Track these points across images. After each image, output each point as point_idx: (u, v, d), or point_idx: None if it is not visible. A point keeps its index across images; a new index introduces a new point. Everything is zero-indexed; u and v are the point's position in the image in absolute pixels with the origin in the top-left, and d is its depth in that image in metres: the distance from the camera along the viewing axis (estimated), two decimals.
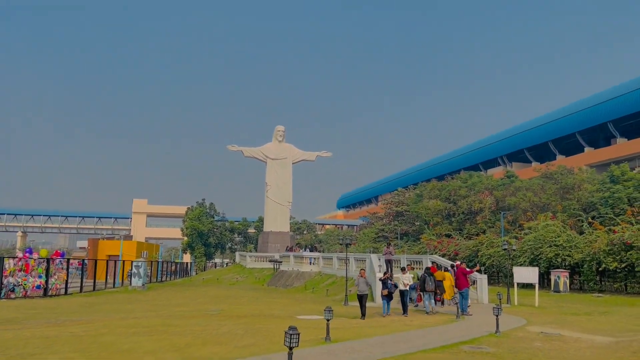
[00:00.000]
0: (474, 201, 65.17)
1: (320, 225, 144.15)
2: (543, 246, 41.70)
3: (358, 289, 20.51)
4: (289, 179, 64.03)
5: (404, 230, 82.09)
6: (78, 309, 22.47)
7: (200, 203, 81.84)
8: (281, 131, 64.82)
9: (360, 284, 20.49)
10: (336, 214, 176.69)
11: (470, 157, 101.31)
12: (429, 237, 65.31)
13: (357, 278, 20.87)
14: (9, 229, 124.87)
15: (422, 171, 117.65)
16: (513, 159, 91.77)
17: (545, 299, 33.51)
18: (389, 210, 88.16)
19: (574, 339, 15.56)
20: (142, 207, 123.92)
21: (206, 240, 78.21)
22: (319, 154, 66.24)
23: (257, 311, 23.09)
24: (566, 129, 78.81)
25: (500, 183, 65.88)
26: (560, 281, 38.81)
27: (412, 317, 20.95)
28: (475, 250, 51.58)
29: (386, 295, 20.70)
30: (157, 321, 17.67)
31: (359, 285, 20.50)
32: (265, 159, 63.71)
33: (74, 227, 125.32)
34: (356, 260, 33.88)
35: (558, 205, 50.80)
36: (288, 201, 63.88)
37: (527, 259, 42.68)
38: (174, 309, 23.13)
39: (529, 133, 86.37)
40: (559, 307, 28.25)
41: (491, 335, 15.78)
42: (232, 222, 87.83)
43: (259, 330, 15.68)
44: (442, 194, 72.24)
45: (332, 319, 13.85)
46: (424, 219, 72.77)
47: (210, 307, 24.31)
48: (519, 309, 25.87)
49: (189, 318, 19.01)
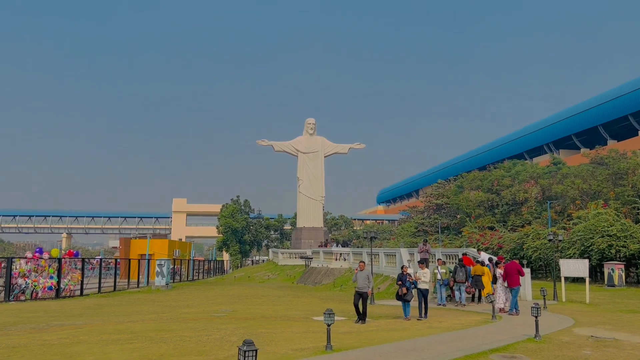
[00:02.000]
0: (518, 191, 61.56)
1: (360, 220, 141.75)
2: (594, 237, 38.37)
3: (357, 285, 17.14)
4: (321, 172, 62.06)
5: (445, 224, 78.86)
6: (82, 312, 21.09)
7: (234, 200, 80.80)
8: (312, 124, 62.87)
9: (359, 279, 17.09)
10: (376, 209, 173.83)
11: (515, 145, 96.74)
12: (470, 230, 62.20)
13: (355, 272, 17.56)
14: (54, 230, 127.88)
15: (464, 162, 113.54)
16: (560, 146, 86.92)
17: (597, 294, 30.39)
18: (428, 203, 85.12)
19: (632, 345, 12.88)
20: (182, 206, 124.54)
21: (241, 238, 77.10)
22: (351, 146, 63.98)
23: (272, 312, 21.16)
24: (617, 111, 73.66)
25: (546, 171, 61.92)
26: (614, 274, 35.54)
27: (441, 318, 18.54)
28: (520, 242, 48.50)
29: (403, 295, 17.64)
30: (151, 326, 15.95)
31: (357, 281, 17.14)
32: (297, 153, 61.95)
33: (117, 227, 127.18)
34: (386, 255, 31.54)
35: (610, 192, 46.85)
36: (321, 196, 61.96)
37: (577, 251, 39.46)
38: (182, 310, 21.47)
39: (577, 117, 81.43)
40: (614, 303, 25.18)
41: (529, 341, 13.28)
42: (267, 218, 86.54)
43: (258, 337, 13.70)
44: (484, 184, 68.78)
45: (333, 323, 11.73)
46: (465, 211, 69.47)
47: (223, 307, 22.54)
48: (566, 307, 23.02)
49: (190, 321, 17.23)
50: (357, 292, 17.08)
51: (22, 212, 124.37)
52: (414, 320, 17.45)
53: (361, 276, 17.12)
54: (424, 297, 17.70)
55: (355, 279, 17.43)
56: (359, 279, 17.10)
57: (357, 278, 17.24)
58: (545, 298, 21.59)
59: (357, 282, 17.19)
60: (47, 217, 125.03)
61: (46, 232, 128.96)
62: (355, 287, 17.26)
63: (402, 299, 17.57)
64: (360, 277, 17.12)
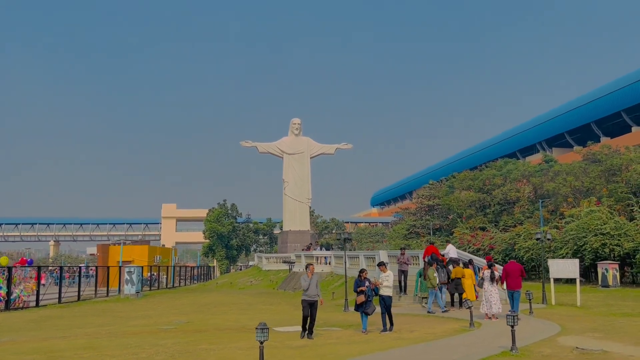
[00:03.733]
0: (509, 190, 59.82)
1: (354, 223, 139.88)
2: (587, 235, 36.66)
3: (306, 293, 14.55)
4: (307, 174, 60.19)
5: (437, 225, 77.09)
6: (22, 326, 19.18)
7: (221, 204, 78.83)
8: (297, 124, 61.04)
9: (311, 285, 14.61)
10: (370, 211, 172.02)
11: (507, 144, 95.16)
12: (462, 231, 60.48)
13: (309, 276, 14.82)
14: (41, 238, 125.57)
15: (457, 162, 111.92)
16: (553, 144, 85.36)
17: (590, 295, 28.63)
18: (420, 204, 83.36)
19: (622, 358, 11.08)
20: (172, 211, 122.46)
21: (228, 243, 75.15)
22: (338, 146, 62.15)
23: (232, 323, 19.31)
24: (610, 107, 72.13)
25: (538, 169, 60.23)
26: (608, 274, 33.86)
27: (414, 326, 16.71)
28: (512, 243, 46.83)
29: (362, 304, 15.17)
30: (79, 342, 14.08)
31: (306, 287, 14.63)
32: (282, 154, 60.06)
33: (105, 234, 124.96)
34: (366, 257, 29.70)
35: (603, 189, 45.18)
36: (307, 198, 60.08)
37: (570, 251, 37.75)
38: (133, 322, 19.59)
39: (570, 114, 79.87)
40: (607, 305, 23.40)
41: (504, 354, 11.45)
42: (256, 222, 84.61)
43: (193, 355, 11.86)
44: (475, 184, 67.03)
45: (267, 340, 9.89)
46: (456, 211, 67.74)
47: (180, 318, 20.68)
48: (555, 311, 21.22)
49: (129, 336, 15.37)
50: (306, 301, 14.61)
51: (8, 220, 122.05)
52: (377, 333, 15.45)
53: (313, 282, 14.78)
54: (386, 306, 15.65)
55: (305, 286, 14.75)
56: (311, 286, 14.72)
57: (309, 284, 14.71)
58: (531, 302, 19.83)
59: (307, 289, 14.68)
60: (34, 225, 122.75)
61: (33, 240, 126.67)
62: (304, 295, 14.75)
63: (361, 309, 15.44)
64: (311, 284, 14.74)
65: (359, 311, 15.52)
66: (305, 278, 15.01)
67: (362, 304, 15.28)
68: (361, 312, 15.41)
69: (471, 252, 52.92)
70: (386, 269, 16.09)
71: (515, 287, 19.00)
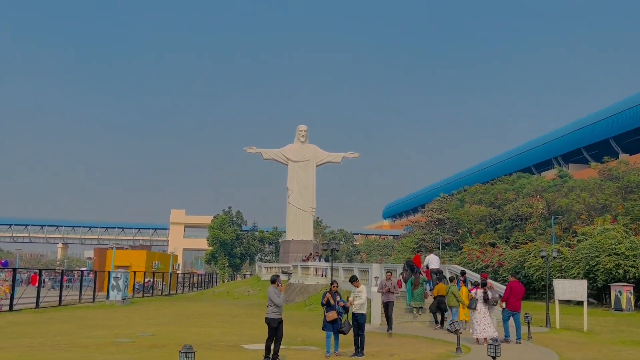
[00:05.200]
0: (521, 205, 57.68)
1: (364, 235, 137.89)
2: (601, 255, 34.53)
3: (275, 310, 12.69)
4: (312, 182, 58.69)
5: (447, 240, 75.01)
6: None
7: (226, 211, 77.59)
8: (303, 131, 59.67)
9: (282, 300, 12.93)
10: (382, 223, 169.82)
11: (522, 159, 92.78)
12: (470, 247, 58.43)
13: (272, 289, 12.97)
14: (50, 240, 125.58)
15: (471, 176, 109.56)
16: (569, 160, 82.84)
17: (601, 320, 26.58)
18: (430, 218, 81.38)
19: None
20: (180, 217, 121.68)
21: (231, 251, 73.75)
22: (345, 155, 60.56)
23: (203, 337, 17.81)
24: (631, 122, 69.56)
25: (552, 184, 57.99)
26: (622, 297, 31.73)
27: (395, 349, 15.01)
28: (522, 260, 44.71)
29: (333, 321, 13.38)
30: (11, 356, 12.62)
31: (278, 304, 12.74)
32: (287, 162, 58.68)
33: (113, 238, 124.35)
34: (360, 270, 28.01)
35: (619, 206, 42.95)
36: (312, 207, 58.54)
37: (582, 271, 35.62)
38: (96, 332, 18.19)
39: (587, 129, 77.42)
40: (617, 332, 21.42)
41: None
42: (261, 231, 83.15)
43: None
44: (487, 198, 64.97)
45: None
46: (466, 226, 65.65)
47: (147, 330, 19.22)
48: (558, 336, 19.35)
49: (75, 349, 13.98)
50: (276, 320, 12.64)
51: (18, 221, 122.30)
52: (347, 357, 13.72)
53: (282, 297, 12.95)
54: (359, 326, 13.95)
55: (278, 302, 12.66)
56: (282, 300, 12.89)
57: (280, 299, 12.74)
58: (529, 325, 18.01)
59: (278, 304, 12.69)
60: (44, 227, 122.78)
61: (41, 242, 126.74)
62: (276, 313, 12.70)
63: (332, 328, 13.61)
64: (282, 299, 12.92)
65: (327, 330, 13.77)
66: (277, 292, 12.95)
67: (334, 321, 13.60)
68: (329, 331, 13.70)
69: (479, 268, 50.84)
70: (359, 284, 14.45)
71: (518, 308, 17.42)
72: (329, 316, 13.53)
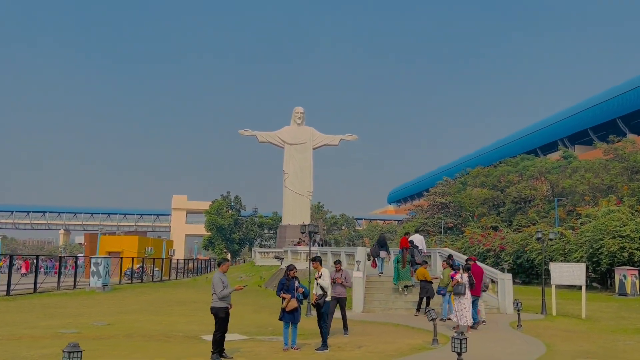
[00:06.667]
0: (524, 188, 55.92)
1: (368, 220, 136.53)
2: (605, 238, 32.90)
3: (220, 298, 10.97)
4: (309, 166, 57.09)
5: (450, 224, 73.42)
6: None
7: (224, 196, 76.15)
8: (300, 112, 57.95)
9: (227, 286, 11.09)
10: (387, 208, 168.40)
11: (527, 141, 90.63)
12: (472, 230, 56.86)
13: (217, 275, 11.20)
14: (51, 226, 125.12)
15: (476, 159, 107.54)
16: (575, 141, 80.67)
17: (603, 305, 25.01)
18: (432, 202, 79.74)
19: None
20: (182, 203, 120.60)
21: (229, 236, 72.47)
22: (342, 137, 58.82)
23: (163, 327, 16.45)
24: (638, 102, 67.32)
25: (556, 165, 56.10)
26: (626, 282, 30.18)
27: (365, 340, 13.54)
28: (524, 244, 43.17)
29: (292, 311, 11.85)
30: None
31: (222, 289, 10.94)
32: (283, 144, 57.05)
33: (115, 224, 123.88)
34: (347, 255, 26.56)
35: (624, 187, 41.14)
36: (308, 191, 56.99)
37: (585, 254, 34.06)
38: (48, 322, 16.92)
39: (594, 110, 75.14)
40: (618, 318, 19.86)
41: None
42: (261, 216, 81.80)
43: None
44: (489, 180, 63.22)
45: None
46: (468, 209, 64.02)
47: (108, 319, 17.89)
48: (553, 323, 17.82)
49: (7, 342, 12.60)
50: (224, 309, 11.08)
51: (19, 208, 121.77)
52: (309, 351, 12.24)
53: (229, 287, 11.19)
54: (319, 316, 12.44)
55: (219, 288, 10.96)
56: (227, 287, 11.10)
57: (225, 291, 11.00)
58: (519, 313, 16.48)
59: (220, 296, 10.99)
60: (45, 213, 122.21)
61: (43, 229, 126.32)
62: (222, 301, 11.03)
63: (289, 318, 12.02)
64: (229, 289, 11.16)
65: (285, 321, 12.28)
66: (223, 279, 11.20)
67: (294, 310, 12.11)
68: (287, 322, 12.22)
69: (481, 252, 49.35)
70: (320, 267, 12.95)
71: (479, 293, 16.21)
72: (289, 305, 12.03)
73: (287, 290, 12.16)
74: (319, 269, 12.93)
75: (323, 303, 12.57)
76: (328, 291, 12.75)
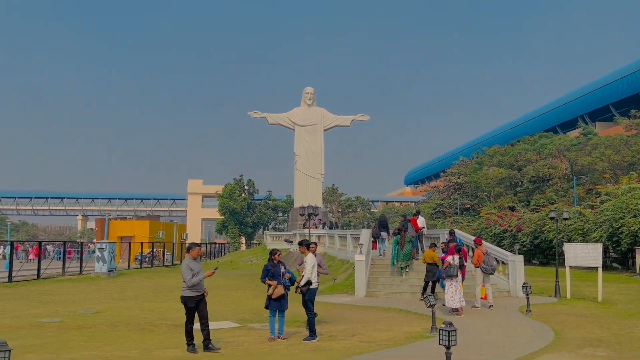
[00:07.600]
0: (542, 166, 54.26)
1: (384, 202, 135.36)
2: (625, 216, 31.54)
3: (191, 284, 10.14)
4: (320, 147, 56.14)
5: (468, 205, 72.00)
6: None
7: (237, 180, 75.67)
8: (310, 93, 56.89)
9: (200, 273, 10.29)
10: (404, 190, 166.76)
11: (546, 119, 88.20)
12: (489, 211, 55.56)
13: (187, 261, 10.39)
14: (69, 212, 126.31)
15: (492, 139, 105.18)
16: (596, 118, 78.19)
17: (622, 287, 23.87)
18: (448, 183, 78.30)
19: None
20: (198, 187, 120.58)
21: (243, 220, 72.12)
22: (354, 117, 57.70)
23: (153, 315, 15.85)
24: None
25: (575, 142, 54.28)
26: None
27: (360, 328, 12.71)
28: (541, 224, 41.93)
29: (278, 299, 11.17)
30: None
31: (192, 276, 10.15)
32: (293, 126, 56.15)
33: (132, 209, 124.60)
34: (353, 238, 25.70)
35: None
36: (320, 173, 56.12)
37: (604, 234, 32.75)
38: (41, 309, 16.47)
39: (616, 84, 72.48)
40: (637, 300, 18.76)
41: None
42: (274, 199, 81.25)
43: None
44: (506, 159, 61.63)
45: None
46: (485, 189, 62.61)
47: (99, 306, 17.35)
48: (566, 308, 16.78)
49: None
50: (193, 298, 10.20)
51: (38, 194, 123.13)
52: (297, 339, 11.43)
53: (201, 274, 10.33)
54: (304, 303, 11.63)
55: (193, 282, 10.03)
56: (198, 274, 10.27)
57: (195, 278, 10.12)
58: (528, 296, 15.49)
59: (189, 285, 10.10)
60: (63, 199, 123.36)
61: (61, 215, 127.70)
62: (191, 289, 10.16)
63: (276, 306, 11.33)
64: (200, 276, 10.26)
65: (271, 309, 11.51)
66: (192, 266, 10.27)
67: (280, 297, 11.33)
68: (273, 310, 11.45)
69: (497, 233, 48.19)
70: (307, 251, 12.09)
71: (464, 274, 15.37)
72: (275, 293, 11.23)
73: (273, 277, 11.41)
74: (306, 253, 12.08)
75: (306, 291, 11.74)
76: (312, 278, 11.87)
